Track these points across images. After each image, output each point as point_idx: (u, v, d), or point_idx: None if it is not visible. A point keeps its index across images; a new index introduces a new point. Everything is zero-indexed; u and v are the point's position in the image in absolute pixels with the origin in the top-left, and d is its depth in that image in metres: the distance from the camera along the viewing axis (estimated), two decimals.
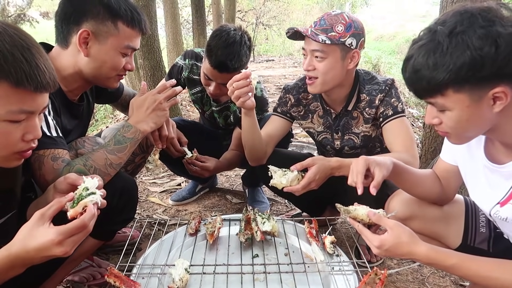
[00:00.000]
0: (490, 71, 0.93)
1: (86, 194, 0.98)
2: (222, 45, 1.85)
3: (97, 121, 6.07)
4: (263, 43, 15.61)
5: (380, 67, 9.36)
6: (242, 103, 1.61)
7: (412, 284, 1.78)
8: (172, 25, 6.83)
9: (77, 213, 0.94)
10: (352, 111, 1.79)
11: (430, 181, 1.39)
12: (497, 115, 1.00)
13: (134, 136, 1.49)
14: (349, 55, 1.65)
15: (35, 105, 0.96)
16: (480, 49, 0.91)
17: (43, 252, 0.89)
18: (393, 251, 1.12)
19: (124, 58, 1.50)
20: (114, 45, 1.45)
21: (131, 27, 1.46)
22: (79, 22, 1.40)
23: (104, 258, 1.92)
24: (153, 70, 4.14)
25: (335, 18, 1.63)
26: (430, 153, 2.61)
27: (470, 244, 1.36)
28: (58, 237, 0.88)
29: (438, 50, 0.96)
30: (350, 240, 2.02)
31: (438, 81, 0.97)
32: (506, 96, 0.95)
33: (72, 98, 1.55)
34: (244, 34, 1.95)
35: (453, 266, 1.07)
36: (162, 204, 2.56)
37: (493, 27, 0.92)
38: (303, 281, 1.45)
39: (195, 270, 1.49)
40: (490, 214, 1.18)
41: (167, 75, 2.29)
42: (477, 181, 1.21)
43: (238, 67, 1.87)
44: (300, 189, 1.56)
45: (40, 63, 0.94)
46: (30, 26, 11.95)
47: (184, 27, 12.11)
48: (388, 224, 1.15)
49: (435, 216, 1.37)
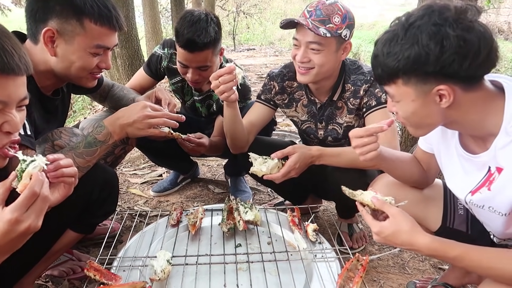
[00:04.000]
0: (434, 68, 0.97)
1: (26, 164, 0.93)
2: (187, 25, 1.83)
3: (75, 112, 5.93)
4: (244, 32, 15.46)
5: (360, 56, 9.42)
6: (227, 97, 1.58)
7: (393, 269, 1.81)
8: (150, 13, 6.68)
9: (25, 185, 0.89)
10: (337, 101, 1.78)
11: (411, 164, 1.40)
12: (449, 110, 1.04)
13: (105, 139, 1.41)
14: (342, 47, 1.63)
15: (6, 93, 0.90)
16: (426, 46, 0.96)
17: (9, 234, 0.84)
18: (392, 239, 1.11)
19: (96, 58, 1.39)
20: (82, 45, 1.34)
21: (99, 24, 1.34)
22: (44, 19, 1.31)
23: (84, 251, 1.89)
24: (131, 59, 4.06)
25: (331, 9, 1.57)
26: (410, 140, 2.66)
27: (449, 226, 1.39)
28: (13, 214, 0.83)
29: (394, 40, 1.01)
30: (332, 227, 2.04)
31: (389, 68, 1.03)
32: (449, 95, 1.00)
33: (46, 93, 1.49)
34: (210, 13, 1.92)
35: (456, 257, 1.06)
36: (143, 196, 2.52)
37: (444, 27, 0.95)
38: (286, 269, 1.45)
39: (177, 261, 1.48)
40: (466, 202, 1.20)
41: (146, 64, 2.24)
42: (453, 169, 1.22)
43: (208, 42, 1.84)
44: (280, 177, 1.56)
45: (7, 46, 0.88)
46: (1, 14, 11.52)
47: (163, 15, 11.87)
48: (390, 211, 1.13)
49: (416, 199, 1.39)
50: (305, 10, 1.63)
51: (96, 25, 1.34)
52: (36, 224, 0.87)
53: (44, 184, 0.89)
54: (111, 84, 1.93)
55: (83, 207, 1.44)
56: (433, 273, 1.80)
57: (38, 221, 0.88)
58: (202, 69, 1.94)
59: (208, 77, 2.03)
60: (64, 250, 1.59)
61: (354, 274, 1.35)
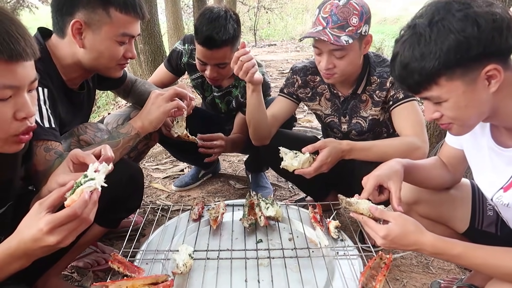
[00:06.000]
0: (477, 51, 0.94)
1: (84, 181, 0.94)
2: (206, 22, 1.83)
3: (99, 107, 6.06)
4: (265, 28, 15.40)
5: (383, 51, 9.24)
6: (252, 76, 1.57)
7: (416, 268, 1.78)
8: (172, 10, 6.75)
9: (73, 201, 0.90)
10: (361, 94, 1.76)
11: (438, 171, 1.37)
12: (494, 96, 1.00)
13: (127, 131, 1.46)
14: (364, 41, 1.61)
15: (17, 78, 0.91)
16: (462, 31, 0.93)
17: (37, 242, 0.86)
18: (399, 241, 1.10)
19: (122, 47, 1.44)
20: (109, 34, 1.39)
21: (124, 13, 1.39)
22: (71, 12, 1.36)
23: (108, 244, 1.93)
24: (153, 55, 4.11)
25: (346, 11, 1.53)
26: (435, 137, 2.59)
27: (478, 228, 1.35)
28: (47, 225, 0.85)
29: (422, 41, 0.97)
30: (354, 224, 2.01)
31: (429, 70, 0.98)
32: (499, 72, 0.96)
33: (72, 86, 1.52)
34: (229, 10, 1.92)
35: (459, 255, 1.05)
36: (165, 190, 2.55)
37: (470, 9, 0.94)
38: (308, 266, 1.44)
39: (198, 256, 1.49)
40: (492, 199, 1.17)
41: (166, 60, 2.26)
42: (482, 165, 1.19)
43: (227, 39, 1.84)
44: (312, 172, 1.53)
45: (12, 31, 0.88)
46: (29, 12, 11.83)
47: (185, 11, 11.96)
48: (392, 216, 1.13)
49: (442, 199, 1.36)
50: (319, 15, 1.58)
51: (121, 13, 1.39)
52: (65, 242, 0.88)
53: (88, 206, 0.90)
54: (134, 79, 1.96)
55: (109, 202, 1.46)
56: (458, 273, 1.75)
57: (67, 239, 0.88)
58: (220, 66, 1.94)
59: (226, 75, 2.04)
60: (89, 243, 1.62)
61: (377, 272, 1.32)
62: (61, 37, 1.42)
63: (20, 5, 11.87)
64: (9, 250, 0.88)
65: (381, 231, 1.12)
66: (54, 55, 1.43)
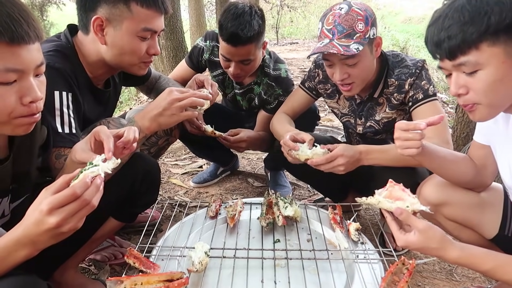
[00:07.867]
0: None
1: (89, 167, 0.92)
2: (231, 18, 1.81)
3: (121, 103, 6.14)
4: (287, 26, 15.32)
5: (408, 51, 9.07)
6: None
7: (439, 275, 1.71)
8: (195, 7, 6.78)
9: None
10: (378, 98, 1.71)
11: (463, 163, 1.31)
12: None
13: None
14: (374, 44, 1.56)
15: (20, 61, 0.89)
16: None
17: (39, 225, 0.83)
18: (419, 252, 1.07)
19: (144, 42, 1.41)
20: (130, 29, 1.37)
21: (146, 7, 1.36)
22: (94, 8, 1.35)
23: (125, 238, 1.93)
24: (175, 51, 4.13)
25: (350, 18, 1.48)
26: (462, 139, 2.50)
27: (507, 234, 1.28)
28: (47, 206, 0.82)
29: (472, 2, 0.93)
30: (375, 227, 1.96)
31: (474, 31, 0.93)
32: None
33: (98, 83, 1.52)
34: (254, 6, 1.89)
35: (488, 271, 1.01)
36: (183, 186, 2.55)
37: None
38: (326, 269, 1.40)
39: (215, 254, 1.46)
40: None
41: (188, 56, 2.25)
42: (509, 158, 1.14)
43: (251, 36, 1.81)
44: (323, 161, 1.48)
45: (13, 13, 0.87)
46: (57, 8, 12.11)
47: (208, 9, 12.01)
48: (418, 226, 1.06)
49: (471, 202, 1.29)
50: (323, 28, 1.53)
51: (142, 7, 1.36)
52: (67, 226, 0.84)
53: (90, 188, 0.86)
54: (158, 76, 1.96)
55: (126, 196, 1.46)
56: (484, 282, 1.67)
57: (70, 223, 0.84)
58: (245, 63, 1.92)
59: (249, 71, 2.02)
60: (106, 237, 1.63)
61: (398, 278, 1.27)
62: (85, 34, 1.41)
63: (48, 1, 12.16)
64: (16, 237, 0.86)
65: (401, 242, 1.08)
66: (80, 52, 1.43)
